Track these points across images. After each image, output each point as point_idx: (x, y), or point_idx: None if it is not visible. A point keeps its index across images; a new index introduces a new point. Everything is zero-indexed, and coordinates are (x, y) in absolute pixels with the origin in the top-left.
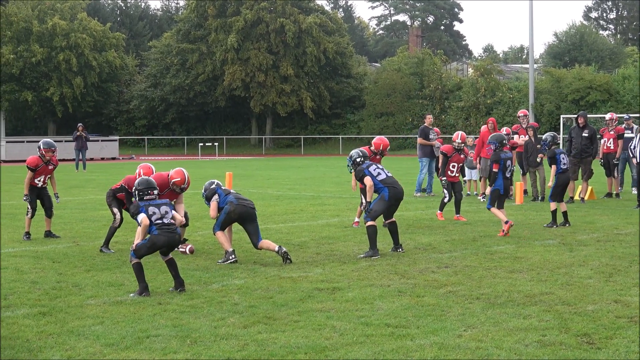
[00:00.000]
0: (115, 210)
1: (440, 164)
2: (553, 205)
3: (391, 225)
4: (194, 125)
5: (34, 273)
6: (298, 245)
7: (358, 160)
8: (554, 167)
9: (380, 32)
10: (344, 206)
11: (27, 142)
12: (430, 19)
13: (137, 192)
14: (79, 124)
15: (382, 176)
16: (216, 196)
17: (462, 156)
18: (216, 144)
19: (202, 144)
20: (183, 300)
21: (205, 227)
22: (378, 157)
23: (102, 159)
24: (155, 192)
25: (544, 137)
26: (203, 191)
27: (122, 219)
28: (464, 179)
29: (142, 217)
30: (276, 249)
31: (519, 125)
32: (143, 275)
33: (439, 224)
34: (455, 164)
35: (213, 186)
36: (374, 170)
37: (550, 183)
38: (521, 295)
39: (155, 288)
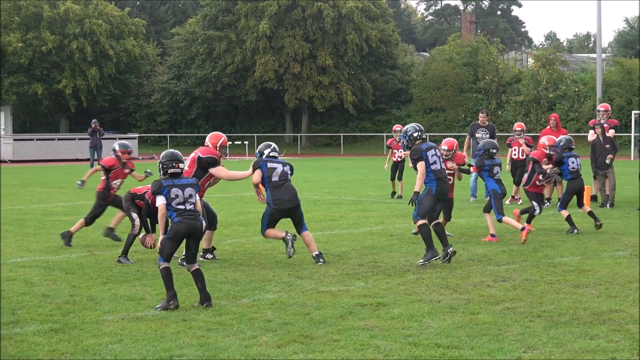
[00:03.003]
0: (135, 215)
1: (528, 172)
2: (565, 213)
3: (437, 227)
4: (221, 122)
5: (44, 285)
6: (338, 255)
7: (415, 135)
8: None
9: (430, 17)
10: (389, 212)
11: (37, 140)
12: (486, 3)
13: (161, 165)
14: (93, 120)
15: (437, 166)
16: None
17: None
18: (246, 142)
19: (230, 143)
20: (210, 316)
21: (234, 235)
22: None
23: None
24: (181, 165)
25: (558, 139)
26: (257, 152)
27: (141, 225)
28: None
29: (160, 201)
30: (282, 235)
31: (597, 120)
32: (172, 282)
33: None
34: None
35: (267, 151)
36: (432, 156)
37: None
38: (588, 313)
39: (180, 302)
